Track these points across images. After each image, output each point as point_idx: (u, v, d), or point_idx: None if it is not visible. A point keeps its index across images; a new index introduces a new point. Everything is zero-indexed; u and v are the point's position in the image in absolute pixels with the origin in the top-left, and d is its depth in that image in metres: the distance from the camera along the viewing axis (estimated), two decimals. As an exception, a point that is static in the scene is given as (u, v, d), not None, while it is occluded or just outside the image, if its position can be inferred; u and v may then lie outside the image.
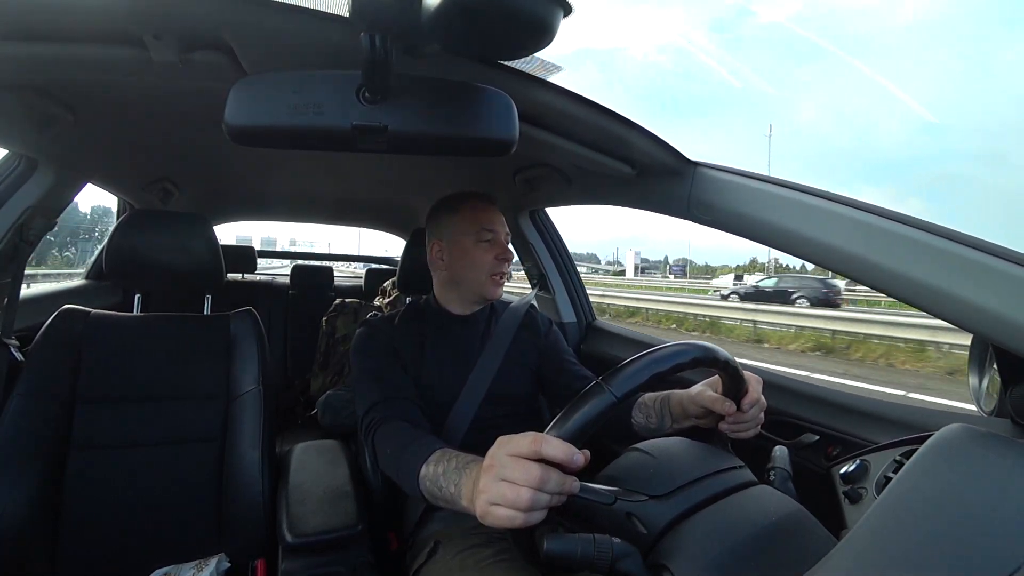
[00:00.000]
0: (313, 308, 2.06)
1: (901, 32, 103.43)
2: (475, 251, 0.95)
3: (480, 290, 0.97)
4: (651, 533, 0.52)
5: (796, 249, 0.68)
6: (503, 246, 0.97)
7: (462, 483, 0.60)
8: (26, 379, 0.94)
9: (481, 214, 0.97)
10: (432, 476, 0.66)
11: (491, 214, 0.97)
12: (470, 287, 0.97)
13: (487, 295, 0.97)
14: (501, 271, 0.96)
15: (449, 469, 0.64)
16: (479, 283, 0.96)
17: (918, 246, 0.57)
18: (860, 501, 0.65)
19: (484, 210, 0.98)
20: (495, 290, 0.97)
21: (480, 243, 0.95)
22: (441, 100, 0.55)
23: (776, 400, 0.92)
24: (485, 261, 0.95)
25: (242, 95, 0.51)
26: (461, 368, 0.94)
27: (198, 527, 1.00)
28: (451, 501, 0.62)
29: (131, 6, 0.56)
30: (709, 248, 75.75)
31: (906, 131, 43.53)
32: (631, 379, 0.52)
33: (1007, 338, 0.51)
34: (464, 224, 0.96)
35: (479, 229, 0.95)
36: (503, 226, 0.98)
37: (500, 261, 0.96)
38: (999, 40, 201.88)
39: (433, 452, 0.69)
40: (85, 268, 1.84)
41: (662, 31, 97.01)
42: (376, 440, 0.81)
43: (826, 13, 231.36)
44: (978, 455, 0.44)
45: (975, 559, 0.36)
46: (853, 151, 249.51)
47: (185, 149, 1.30)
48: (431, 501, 0.68)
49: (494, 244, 0.96)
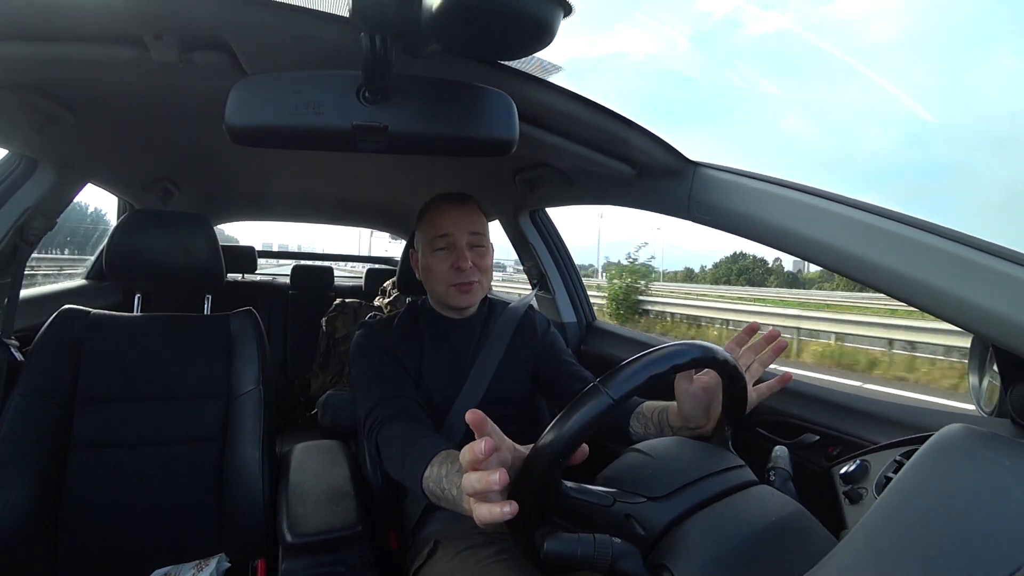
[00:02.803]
0: (313, 308, 2.06)
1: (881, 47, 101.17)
2: (431, 260, 0.91)
3: (445, 300, 0.92)
4: (650, 534, 0.52)
5: (796, 249, 0.68)
6: (460, 252, 0.89)
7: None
8: (26, 379, 0.94)
9: (437, 220, 0.91)
10: (435, 478, 0.66)
11: (451, 217, 0.91)
12: (437, 298, 0.94)
13: (453, 304, 0.93)
14: (461, 281, 0.89)
15: (452, 471, 0.64)
16: (442, 294, 0.92)
17: (918, 246, 0.57)
18: (860, 501, 0.64)
19: (442, 214, 0.91)
20: (461, 298, 0.91)
21: (435, 252, 0.90)
22: (441, 100, 0.55)
23: (776, 400, 0.91)
24: (441, 270, 0.90)
25: (242, 95, 0.51)
26: (458, 371, 0.94)
27: (198, 527, 0.99)
28: (453, 503, 0.63)
29: (132, 6, 0.56)
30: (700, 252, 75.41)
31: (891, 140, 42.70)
32: (628, 381, 0.52)
33: (1007, 338, 0.51)
34: (422, 232, 0.93)
35: (433, 237, 0.90)
36: (469, 227, 0.91)
37: (456, 270, 0.89)
38: (974, 56, 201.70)
39: (437, 454, 0.69)
40: (85, 268, 1.84)
41: (650, 41, 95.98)
42: (380, 442, 0.81)
43: (810, 28, 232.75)
44: (978, 455, 0.44)
45: (975, 559, 0.36)
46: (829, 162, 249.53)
47: (185, 149, 1.30)
48: (435, 502, 0.68)
49: (450, 252, 0.90)
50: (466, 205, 0.93)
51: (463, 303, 0.93)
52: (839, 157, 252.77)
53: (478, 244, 0.92)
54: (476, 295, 0.93)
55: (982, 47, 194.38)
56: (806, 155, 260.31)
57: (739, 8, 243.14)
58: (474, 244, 0.92)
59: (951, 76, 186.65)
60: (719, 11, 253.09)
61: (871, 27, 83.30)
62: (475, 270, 0.90)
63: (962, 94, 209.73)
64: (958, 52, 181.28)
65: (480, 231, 0.93)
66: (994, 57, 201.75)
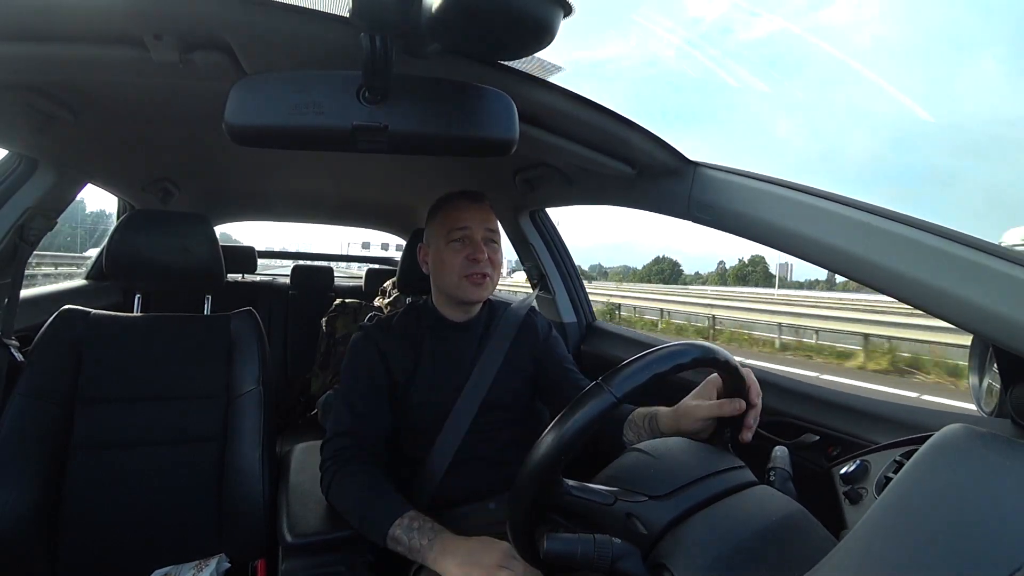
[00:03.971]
0: (313, 308, 2.05)
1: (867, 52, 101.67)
2: (446, 252, 0.92)
3: (456, 292, 0.93)
4: (651, 533, 0.52)
5: (797, 249, 0.67)
6: (476, 245, 0.91)
7: (436, 541, 0.73)
8: (26, 379, 0.94)
9: (455, 213, 0.93)
10: (405, 527, 0.76)
11: (468, 212, 0.93)
12: (447, 291, 0.94)
13: (463, 297, 0.93)
14: (475, 271, 0.91)
15: (425, 527, 0.75)
16: (453, 285, 0.92)
17: (918, 246, 0.57)
18: (860, 501, 0.64)
19: (460, 209, 0.93)
20: (472, 291, 0.92)
21: (451, 244, 0.91)
22: (441, 100, 0.55)
23: (776, 400, 0.92)
24: (455, 262, 0.91)
25: (242, 95, 0.51)
26: (457, 375, 0.94)
27: (198, 527, 1.00)
28: (416, 551, 0.73)
29: (131, 6, 0.56)
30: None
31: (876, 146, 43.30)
32: (631, 379, 0.52)
33: (1007, 338, 0.51)
34: (437, 226, 0.94)
35: (449, 230, 0.92)
36: (485, 223, 0.93)
37: (472, 261, 0.90)
38: (953, 63, 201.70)
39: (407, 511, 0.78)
40: (85, 268, 1.84)
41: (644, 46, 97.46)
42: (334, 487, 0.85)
43: (797, 37, 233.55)
44: (978, 456, 0.44)
45: (975, 560, 0.36)
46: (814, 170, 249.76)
47: (185, 149, 1.30)
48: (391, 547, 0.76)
49: (466, 244, 0.91)
50: (482, 203, 0.95)
51: (474, 296, 0.93)
52: (821, 160, 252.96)
53: (492, 240, 0.94)
54: (487, 289, 0.94)
55: (965, 53, 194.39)
56: (794, 156, 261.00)
57: (728, 14, 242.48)
58: (489, 240, 0.93)
59: (935, 81, 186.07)
60: (710, 16, 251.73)
61: (857, 34, 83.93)
62: (488, 264, 0.92)
63: (947, 99, 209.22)
64: (943, 58, 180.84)
65: (494, 228, 0.95)
66: (976, 63, 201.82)
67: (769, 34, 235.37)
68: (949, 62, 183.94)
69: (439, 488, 0.89)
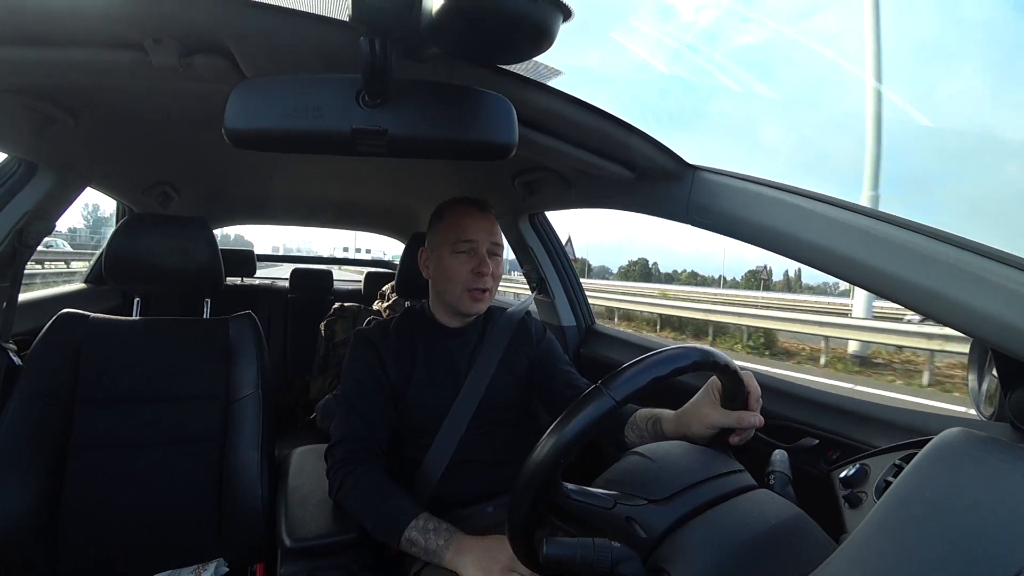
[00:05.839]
0: (312, 312, 2.05)
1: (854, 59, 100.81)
2: (450, 262, 0.91)
3: (456, 304, 0.92)
4: (651, 537, 0.52)
5: (795, 253, 0.68)
6: (482, 258, 0.90)
7: (452, 541, 0.74)
8: (25, 382, 0.94)
9: (462, 222, 0.92)
10: (421, 529, 0.77)
11: (475, 222, 0.92)
12: (446, 300, 0.94)
13: (462, 310, 0.93)
14: (478, 286, 0.90)
15: (440, 528, 0.76)
16: (455, 296, 0.92)
17: (916, 250, 0.57)
18: (860, 505, 0.64)
19: (467, 218, 0.92)
20: (472, 305, 0.91)
21: (456, 254, 0.90)
22: (441, 104, 0.55)
23: (776, 404, 0.91)
24: (460, 274, 0.90)
25: (242, 99, 0.51)
26: (453, 381, 0.93)
27: (198, 530, 0.99)
28: (433, 552, 0.75)
29: (131, 11, 0.56)
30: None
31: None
32: (630, 383, 0.52)
33: (1006, 342, 0.51)
34: (443, 232, 0.93)
35: (456, 239, 0.90)
36: (490, 236, 0.92)
37: (476, 275, 0.90)
38: (938, 73, 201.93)
39: (420, 512, 0.78)
40: (84, 272, 1.84)
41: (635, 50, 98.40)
42: (346, 489, 0.85)
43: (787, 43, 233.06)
44: (978, 459, 0.44)
45: (975, 563, 0.36)
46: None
47: (185, 153, 1.30)
48: (405, 549, 0.77)
49: (472, 256, 0.90)
50: (488, 214, 0.95)
51: (473, 310, 0.93)
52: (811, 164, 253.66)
53: (496, 253, 0.94)
54: (485, 303, 0.94)
55: (946, 64, 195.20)
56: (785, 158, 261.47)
57: (720, 21, 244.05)
58: (493, 252, 0.93)
59: (919, 90, 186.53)
60: (702, 21, 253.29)
61: (844, 42, 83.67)
62: (490, 278, 0.92)
63: (930, 108, 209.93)
64: (925, 68, 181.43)
65: (499, 241, 0.95)
66: (956, 74, 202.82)
67: (760, 41, 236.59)
68: (931, 72, 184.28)
69: (437, 490, 0.89)
